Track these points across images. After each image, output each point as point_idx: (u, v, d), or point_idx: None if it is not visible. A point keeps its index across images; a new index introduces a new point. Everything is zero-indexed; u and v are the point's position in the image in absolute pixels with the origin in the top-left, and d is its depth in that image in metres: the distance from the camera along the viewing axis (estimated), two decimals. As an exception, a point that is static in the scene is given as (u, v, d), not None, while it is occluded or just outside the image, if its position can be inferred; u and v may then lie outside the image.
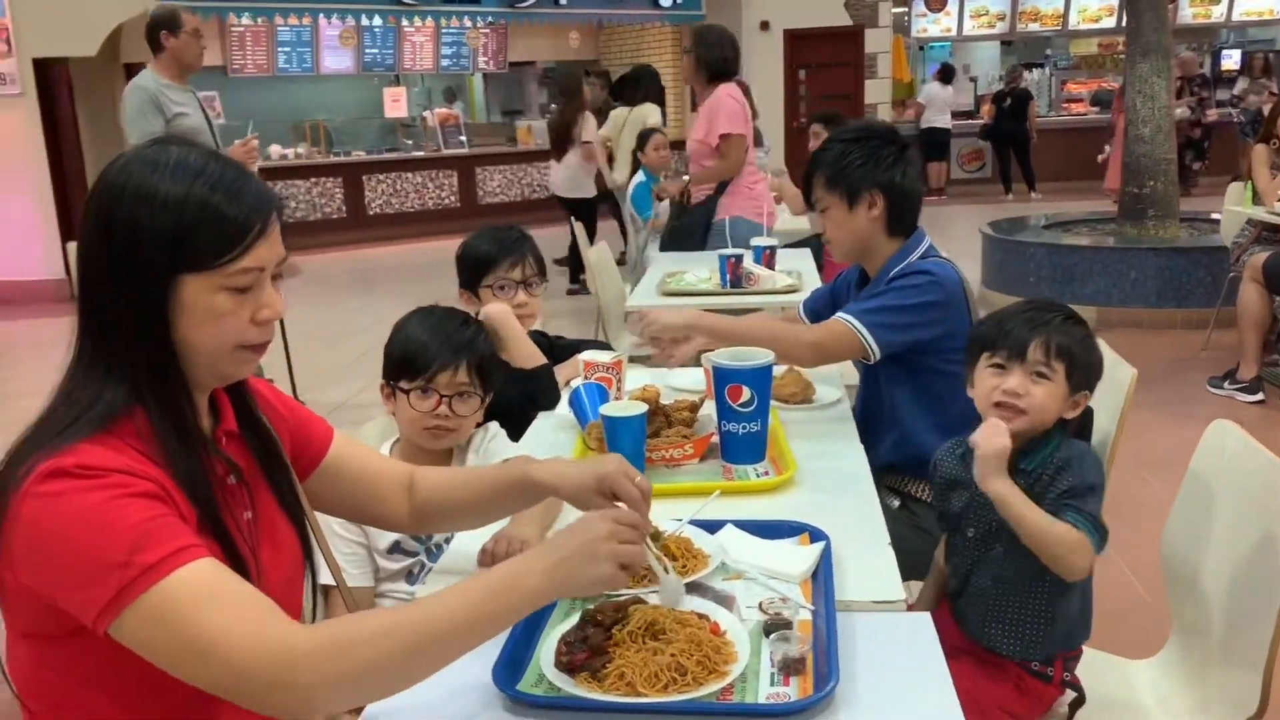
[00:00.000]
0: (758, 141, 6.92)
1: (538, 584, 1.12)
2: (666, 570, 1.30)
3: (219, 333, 1.13)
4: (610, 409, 1.87)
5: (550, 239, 8.75)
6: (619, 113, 7.85)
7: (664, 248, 4.90)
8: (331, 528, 1.74)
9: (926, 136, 13.34)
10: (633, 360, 4.35)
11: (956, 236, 9.13)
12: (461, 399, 1.88)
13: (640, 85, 7.85)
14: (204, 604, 1.01)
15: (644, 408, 1.86)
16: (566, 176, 7.68)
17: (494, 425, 2.01)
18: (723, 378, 1.90)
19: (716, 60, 4.69)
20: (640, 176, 6.29)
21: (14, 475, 1.04)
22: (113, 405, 1.09)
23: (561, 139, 7.68)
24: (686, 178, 5.10)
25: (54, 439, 1.06)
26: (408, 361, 1.87)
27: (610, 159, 7.79)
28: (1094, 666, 1.90)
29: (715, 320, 2.31)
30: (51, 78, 8.96)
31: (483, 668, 1.22)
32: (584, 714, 1.19)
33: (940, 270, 2.22)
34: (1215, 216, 6.60)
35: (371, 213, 11.61)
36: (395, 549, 1.87)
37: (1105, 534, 1.59)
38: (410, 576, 1.88)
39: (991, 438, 1.60)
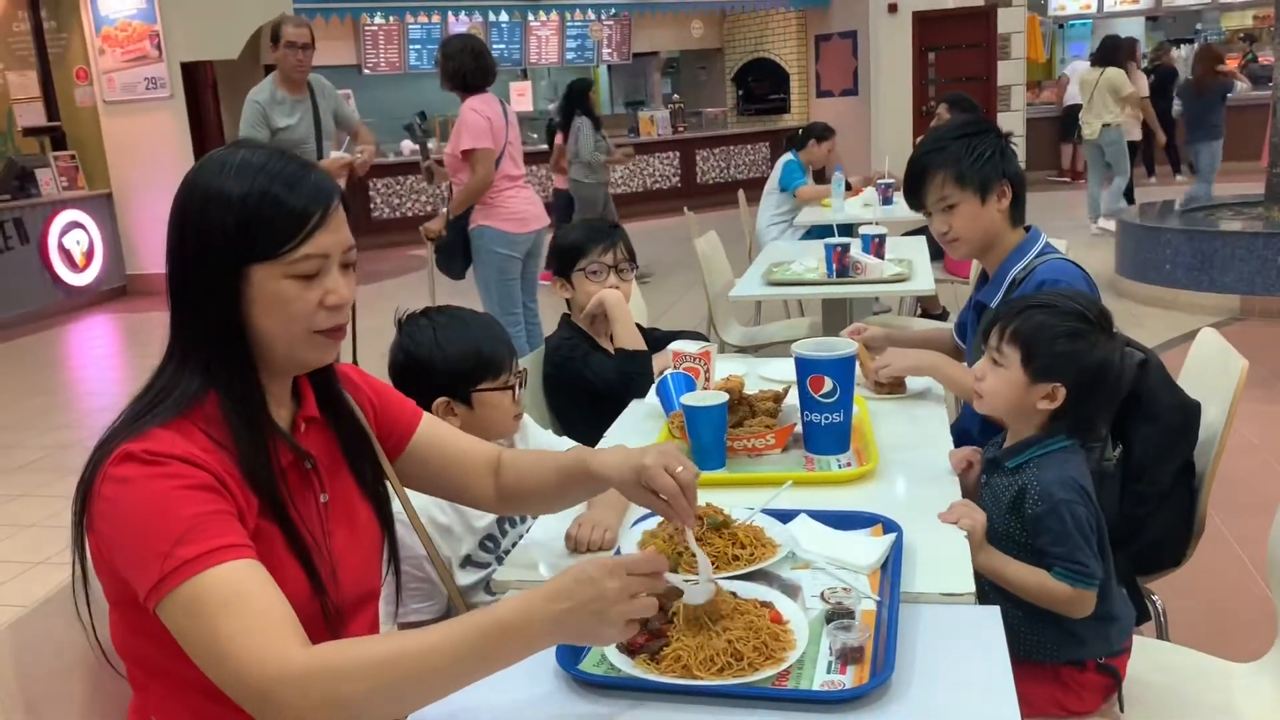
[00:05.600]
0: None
1: (542, 632, 1.10)
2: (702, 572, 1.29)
3: (288, 319, 1.20)
4: (690, 399, 1.89)
5: (667, 229, 8.80)
6: (1090, 72, 8.82)
7: (439, 265, 4.83)
8: None
9: (1068, 115, 12.88)
10: (739, 350, 4.38)
11: (1089, 223, 8.79)
12: (523, 379, 1.94)
13: (1115, 50, 8.73)
14: (225, 608, 1.07)
15: (724, 398, 1.88)
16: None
17: (524, 417, 2.03)
18: (805, 368, 1.90)
19: (456, 72, 4.56)
20: (790, 155, 6.41)
21: (101, 456, 1.14)
22: (188, 392, 1.18)
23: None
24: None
25: (134, 424, 1.15)
26: (485, 365, 1.86)
27: None
28: (1188, 667, 1.84)
29: (950, 367, 2.25)
30: (198, 80, 9.45)
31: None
32: (641, 694, 1.22)
33: (1066, 275, 2.17)
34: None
35: (499, 204, 11.87)
36: (466, 563, 1.82)
37: (1094, 573, 1.59)
38: (489, 587, 1.78)
39: (969, 517, 1.61)
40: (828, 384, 1.88)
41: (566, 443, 2.00)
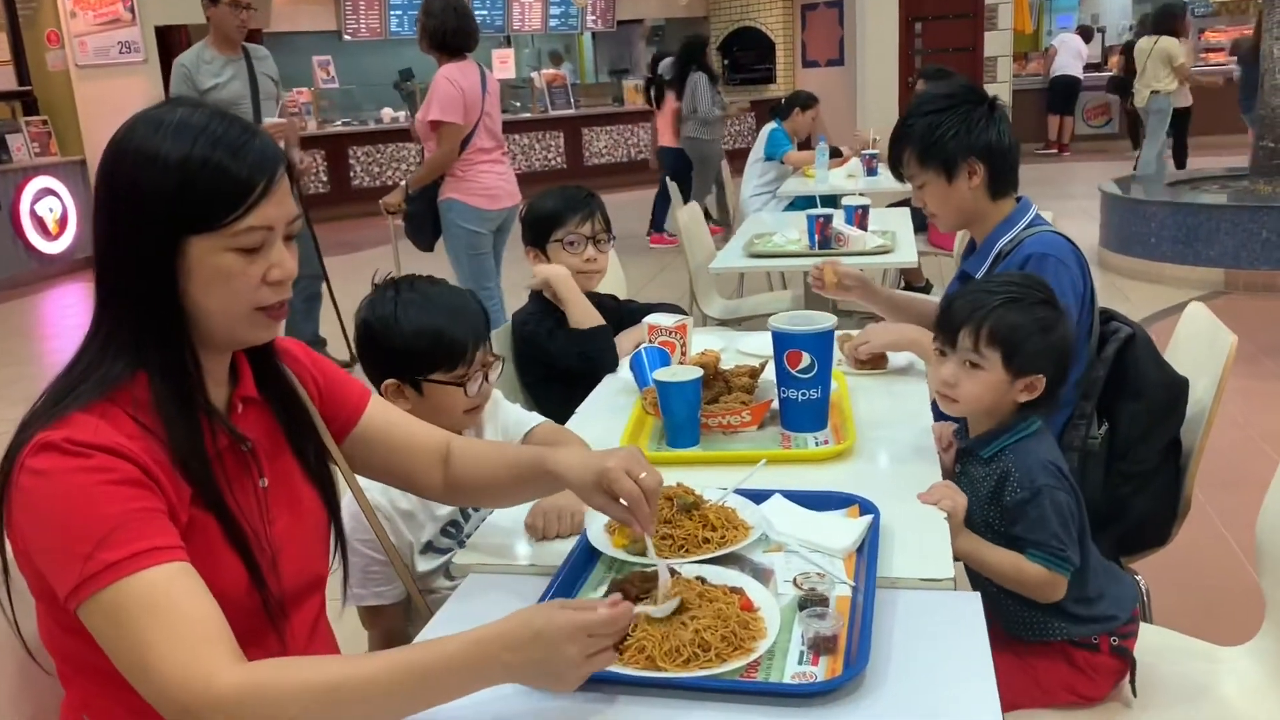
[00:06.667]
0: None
1: (491, 677, 1.05)
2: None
3: (230, 295, 1.11)
4: (663, 374, 1.82)
5: (650, 200, 8.70)
6: (1145, 41, 8.79)
7: (408, 235, 4.75)
8: (354, 547, 1.60)
9: (1055, 86, 12.83)
10: (721, 323, 4.31)
11: (1075, 195, 8.74)
12: (492, 368, 1.79)
13: (1170, 19, 8.70)
14: (149, 616, 0.99)
15: (698, 373, 1.81)
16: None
17: (494, 393, 1.89)
18: (782, 342, 1.83)
19: (437, 31, 4.39)
20: (774, 124, 6.33)
21: (18, 444, 1.06)
22: (113, 371, 1.09)
23: None
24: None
25: (54, 408, 1.07)
26: (440, 353, 1.71)
27: None
28: (1172, 650, 1.79)
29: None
30: (172, 44, 9.25)
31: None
32: (603, 686, 1.16)
33: (1055, 249, 2.09)
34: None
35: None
36: (427, 548, 1.73)
37: (1070, 559, 1.55)
38: (449, 571, 1.72)
39: (950, 499, 1.56)
40: (805, 359, 1.81)
41: (537, 418, 1.91)
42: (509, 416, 1.92)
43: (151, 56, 8.94)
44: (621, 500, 1.26)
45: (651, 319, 2.20)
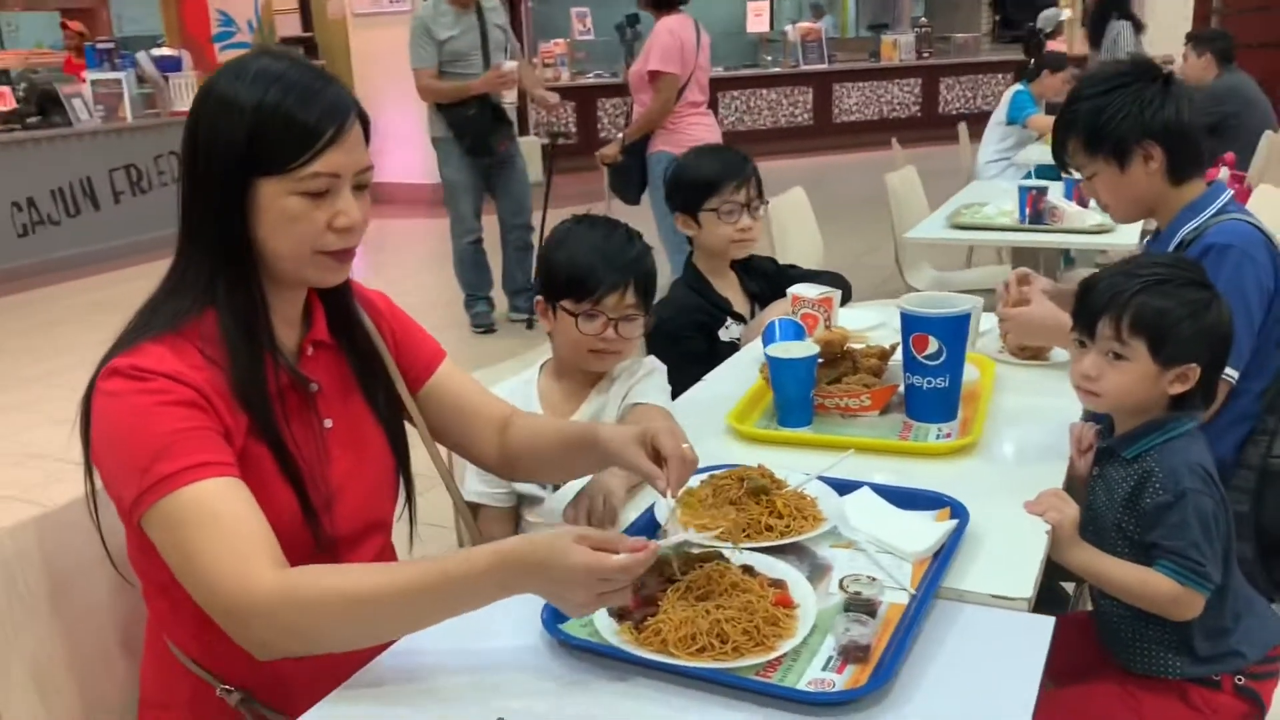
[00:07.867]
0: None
1: (517, 590, 1.10)
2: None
3: (295, 237, 1.17)
4: (776, 349, 1.76)
5: (899, 161, 8.33)
6: None
7: (611, 185, 4.77)
8: None
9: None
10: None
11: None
12: (627, 322, 1.76)
13: None
14: (199, 526, 1.08)
15: (812, 350, 1.74)
16: None
17: (650, 361, 1.88)
18: (909, 325, 1.72)
19: None
20: (1020, 86, 5.96)
21: (97, 371, 1.16)
22: (184, 305, 1.17)
23: None
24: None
25: (131, 337, 1.16)
26: (574, 283, 1.74)
27: None
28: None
29: None
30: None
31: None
32: (618, 663, 1.15)
33: (1240, 239, 1.85)
34: None
35: (723, 130, 11.66)
36: None
37: (1209, 575, 1.38)
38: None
39: (1057, 509, 1.42)
40: (932, 345, 1.70)
41: (660, 402, 1.80)
42: (645, 387, 1.81)
43: (417, 7, 9.42)
44: (661, 455, 1.28)
45: (796, 289, 2.12)
